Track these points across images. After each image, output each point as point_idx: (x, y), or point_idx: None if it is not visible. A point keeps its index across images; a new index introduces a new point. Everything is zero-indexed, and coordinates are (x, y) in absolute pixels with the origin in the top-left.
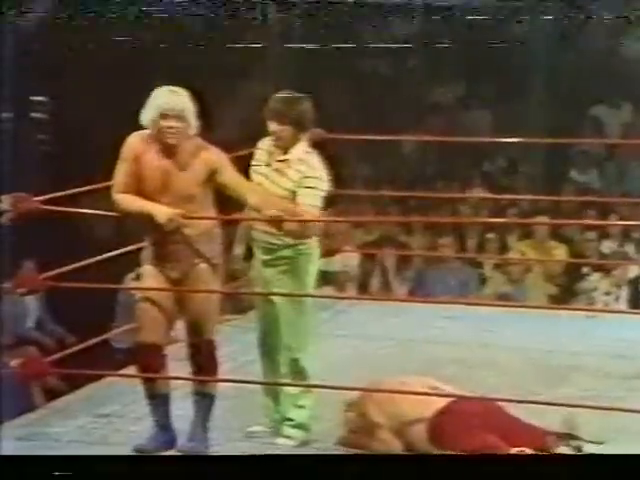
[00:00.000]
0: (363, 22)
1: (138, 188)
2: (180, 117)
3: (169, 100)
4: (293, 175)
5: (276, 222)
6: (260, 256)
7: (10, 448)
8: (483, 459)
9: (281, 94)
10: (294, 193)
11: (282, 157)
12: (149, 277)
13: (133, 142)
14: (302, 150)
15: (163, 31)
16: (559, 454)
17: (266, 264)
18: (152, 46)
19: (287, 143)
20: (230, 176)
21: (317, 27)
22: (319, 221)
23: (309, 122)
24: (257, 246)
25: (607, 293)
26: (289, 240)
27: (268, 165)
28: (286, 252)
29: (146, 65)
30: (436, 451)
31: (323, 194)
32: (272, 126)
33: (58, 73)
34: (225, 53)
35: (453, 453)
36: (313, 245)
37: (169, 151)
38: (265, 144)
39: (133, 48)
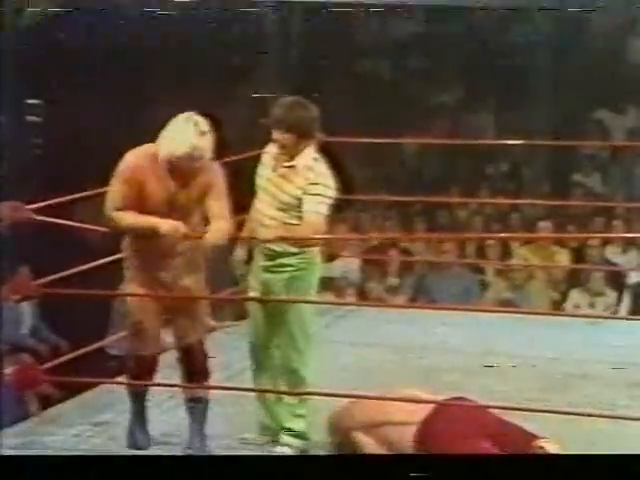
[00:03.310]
0: (363, 23)
1: (137, 205)
2: (203, 157)
3: (197, 144)
4: (299, 182)
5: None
6: (260, 262)
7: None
8: (480, 460)
9: (282, 100)
10: (300, 200)
11: (288, 163)
12: (135, 284)
13: (132, 162)
14: (309, 157)
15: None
16: (556, 454)
17: (266, 270)
18: (150, 49)
19: (291, 150)
20: (211, 204)
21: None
22: (320, 238)
23: (312, 129)
24: (258, 251)
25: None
26: (291, 248)
27: (274, 171)
28: (288, 260)
29: (143, 67)
30: None
31: (330, 201)
32: (275, 134)
33: (54, 77)
34: (224, 55)
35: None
36: (315, 254)
37: (178, 174)
38: (272, 149)
39: (130, 51)
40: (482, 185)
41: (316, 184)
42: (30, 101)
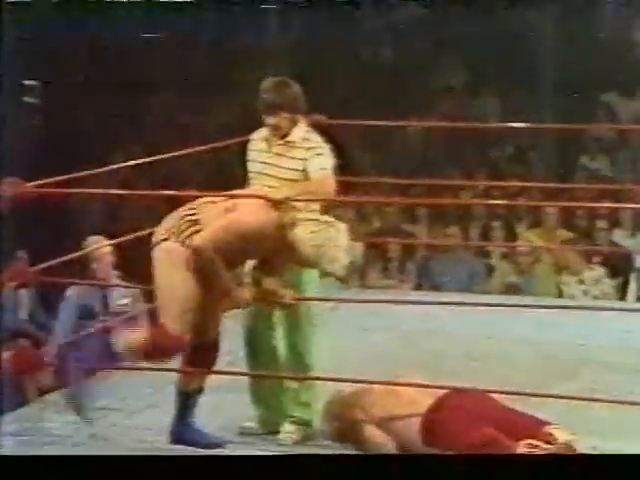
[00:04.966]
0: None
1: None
2: None
3: None
4: (299, 154)
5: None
6: None
7: (5, 443)
8: (486, 459)
9: (266, 84)
10: (303, 172)
11: (283, 140)
12: None
13: (259, 225)
14: (303, 130)
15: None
16: (561, 454)
17: None
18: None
19: (284, 129)
20: None
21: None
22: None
23: (302, 103)
24: None
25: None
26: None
27: (269, 152)
28: None
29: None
30: (432, 450)
31: (332, 162)
32: (269, 120)
33: (52, 58)
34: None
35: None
36: None
37: None
38: (261, 134)
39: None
40: (487, 169)
41: (314, 148)
42: (28, 82)
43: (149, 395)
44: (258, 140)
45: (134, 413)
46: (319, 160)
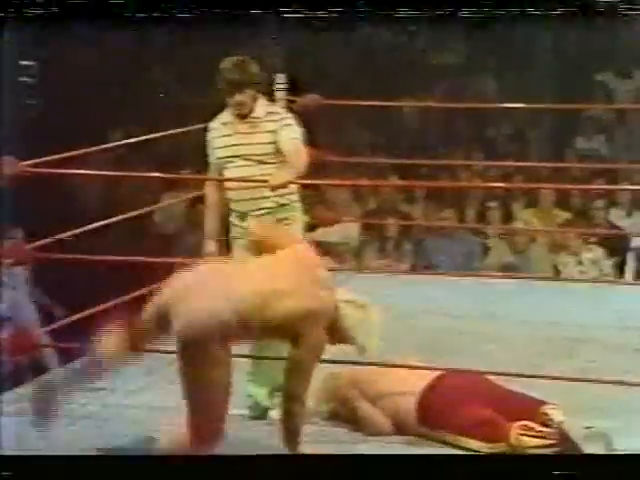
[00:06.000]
0: None
1: None
2: None
3: None
4: (268, 126)
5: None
6: (237, 237)
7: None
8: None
9: (227, 63)
10: (274, 144)
11: (248, 118)
12: None
13: None
14: (265, 104)
15: None
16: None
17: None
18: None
19: (248, 106)
20: None
21: None
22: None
23: (263, 79)
24: (236, 244)
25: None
26: (264, 192)
27: (233, 134)
28: (262, 203)
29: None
30: (428, 430)
31: (301, 131)
32: (237, 97)
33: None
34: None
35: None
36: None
37: None
38: (220, 120)
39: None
40: (483, 148)
41: (282, 119)
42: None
43: (146, 376)
44: (219, 127)
45: (130, 393)
46: (288, 130)
